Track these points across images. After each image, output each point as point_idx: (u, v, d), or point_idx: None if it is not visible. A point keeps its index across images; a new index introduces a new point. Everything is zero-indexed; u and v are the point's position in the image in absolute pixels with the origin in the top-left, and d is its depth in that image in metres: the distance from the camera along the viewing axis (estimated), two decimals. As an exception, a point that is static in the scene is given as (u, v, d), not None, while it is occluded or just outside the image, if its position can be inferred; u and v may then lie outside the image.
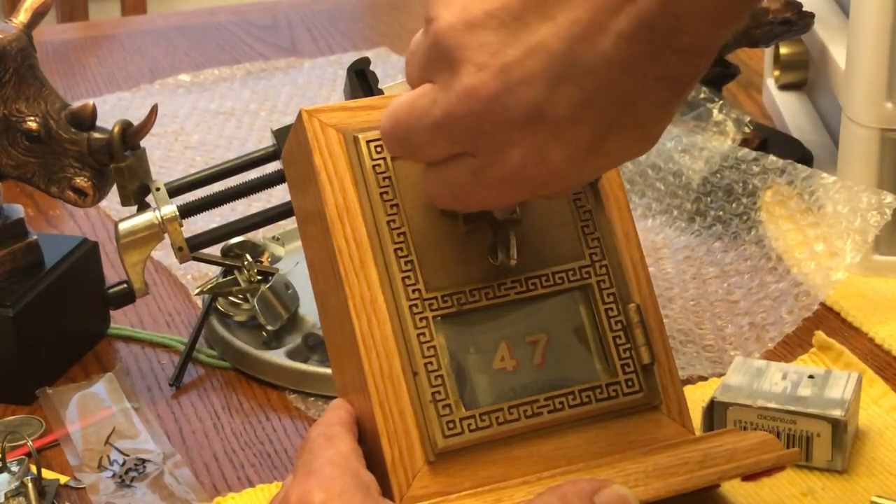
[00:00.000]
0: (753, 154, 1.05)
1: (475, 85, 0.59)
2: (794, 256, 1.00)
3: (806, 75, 1.25)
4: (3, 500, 0.79)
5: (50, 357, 0.92)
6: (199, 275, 1.05)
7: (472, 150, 0.61)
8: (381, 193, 0.71)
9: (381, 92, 0.82)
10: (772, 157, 1.04)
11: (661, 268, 1.02)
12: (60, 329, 0.93)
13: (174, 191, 0.88)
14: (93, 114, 0.89)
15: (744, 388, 0.81)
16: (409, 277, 0.70)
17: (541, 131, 0.59)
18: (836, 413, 0.78)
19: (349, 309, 0.69)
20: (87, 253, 0.96)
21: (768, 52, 1.27)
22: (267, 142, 1.02)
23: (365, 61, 0.83)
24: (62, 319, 0.94)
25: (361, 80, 0.84)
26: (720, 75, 1.14)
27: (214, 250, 0.95)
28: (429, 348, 0.69)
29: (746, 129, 1.08)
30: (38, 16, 0.91)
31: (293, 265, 0.98)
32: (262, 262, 0.97)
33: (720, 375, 0.88)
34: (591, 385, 0.71)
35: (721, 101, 1.10)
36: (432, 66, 0.61)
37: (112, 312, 0.99)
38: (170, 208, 0.87)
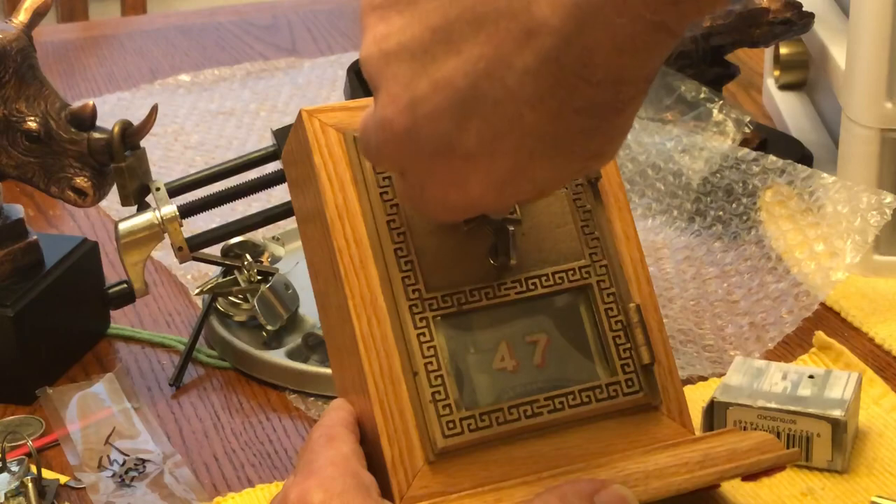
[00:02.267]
0: (753, 154, 1.05)
1: (388, 117, 0.59)
2: (794, 256, 1.00)
3: (806, 75, 1.25)
4: (3, 499, 0.79)
5: (50, 357, 0.92)
6: (199, 275, 1.05)
7: (402, 173, 0.63)
8: (381, 193, 0.71)
9: (381, 92, 0.82)
10: (772, 157, 1.04)
11: (661, 268, 1.02)
12: (60, 329, 0.93)
13: (174, 191, 0.88)
14: (93, 114, 0.89)
15: (744, 388, 0.81)
16: (409, 277, 0.70)
17: (455, 162, 0.59)
18: (836, 413, 0.78)
19: (349, 309, 0.69)
20: (87, 253, 0.96)
21: (768, 52, 1.27)
22: (267, 142, 1.02)
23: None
24: (62, 319, 0.94)
25: (361, 80, 0.85)
26: (720, 75, 1.14)
27: (214, 250, 0.95)
28: (429, 348, 0.69)
29: (746, 129, 1.08)
30: (38, 16, 0.91)
31: (293, 265, 0.98)
32: (262, 262, 0.97)
33: (720, 375, 0.88)
34: (591, 385, 0.71)
35: (721, 101, 1.10)
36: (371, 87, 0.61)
37: (112, 312, 0.99)
38: (170, 208, 0.87)
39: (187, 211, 0.88)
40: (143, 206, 0.89)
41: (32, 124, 0.89)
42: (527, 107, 0.57)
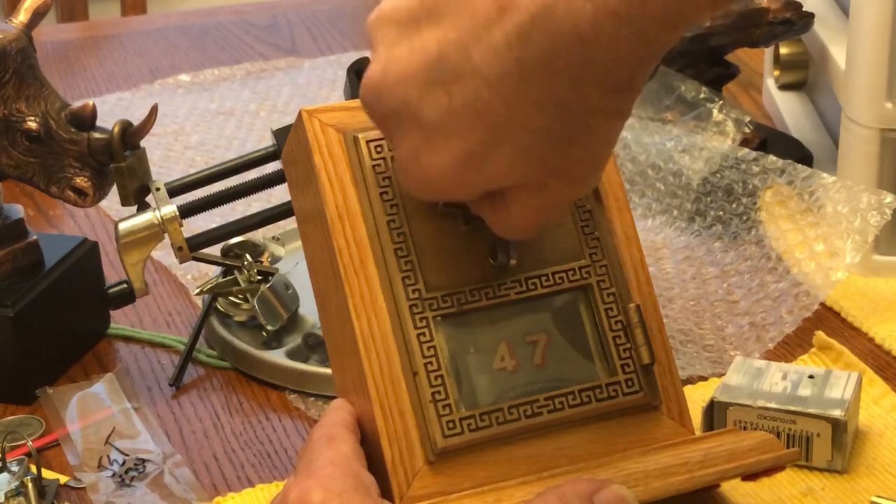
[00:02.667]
0: (753, 154, 1.05)
1: (368, 74, 0.62)
2: (794, 256, 1.00)
3: (806, 75, 1.25)
4: (3, 499, 0.79)
5: (50, 357, 0.92)
6: (199, 275, 1.05)
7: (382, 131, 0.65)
8: (381, 193, 0.71)
9: (381, 92, 0.82)
10: (772, 157, 1.04)
11: (661, 268, 1.02)
12: (60, 329, 0.93)
13: (174, 191, 0.88)
14: (93, 114, 0.89)
15: (744, 388, 0.81)
16: (409, 277, 0.70)
17: (412, 132, 0.61)
18: (836, 413, 0.78)
19: (349, 309, 0.69)
20: (87, 253, 0.96)
21: (768, 52, 1.27)
22: (267, 142, 1.02)
23: (365, 61, 0.83)
24: (62, 319, 0.94)
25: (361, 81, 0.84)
26: (720, 75, 1.14)
27: (214, 250, 0.95)
28: (429, 348, 0.69)
29: (746, 129, 1.08)
30: (38, 16, 0.91)
31: (293, 265, 0.98)
32: (262, 262, 0.97)
33: (720, 375, 0.88)
34: (591, 385, 0.71)
35: (721, 101, 1.10)
36: None
37: (112, 312, 0.99)
38: (170, 208, 0.87)
39: (187, 211, 0.88)
40: (143, 206, 0.89)
41: (32, 124, 0.89)
42: (485, 84, 0.58)
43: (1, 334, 0.89)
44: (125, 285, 0.90)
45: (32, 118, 0.89)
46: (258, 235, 0.99)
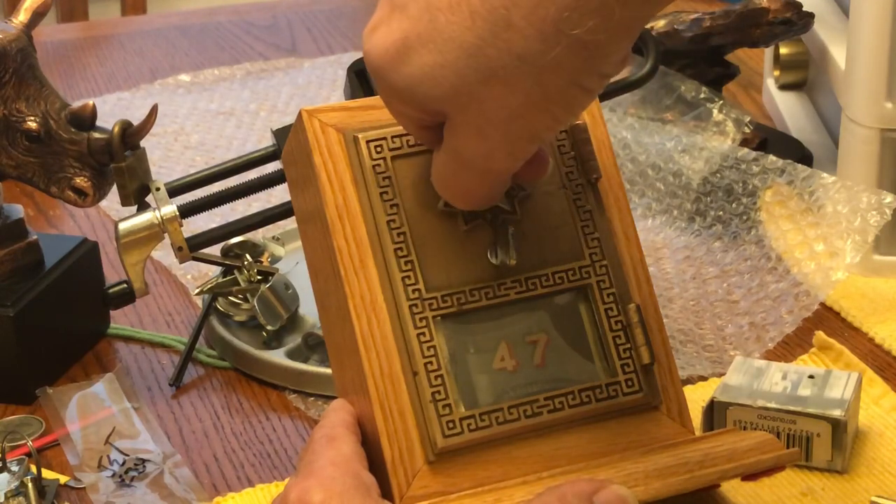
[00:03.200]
0: (753, 154, 1.05)
1: None
2: (794, 256, 1.00)
3: (806, 75, 1.25)
4: (3, 499, 0.79)
5: (50, 357, 0.92)
6: (199, 275, 1.05)
7: None
8: (381, 193, 0.71)
9: (381, 92, 0.82)
10: (772, 157, 1.04)
11: (661, 268, 1.02)
12: (60, 329, 0.93)
13: (174, 191, 0.88)
14: (93, 114, 0.89)
15: (744, 388, 0.81)
16: (409, 277, 0.70)
17: (385, 6, 0.62)
18: (836, 413, 0.78)
19: (349, 309, 0.69)
20: (87, 253, 0.96)
21: (768, 52, 1.27)
22: (267, 142, 1.02)
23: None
24: (62, 319, 0.94)
25: (361, 80, 0.85)
26: (720, 75, 1.14)
27: (214, 250, 0.95)
28: (429, 348, 0.69)
29: (746, 129, 1.08)
30: (38, 16, 0.91)
31: (293, 265, 0.98)
32: (262, 262, 0.97)
33: (720, 375, 0.88)
34: (591, 385, 0.71)
35: (721, 101, 1.10)
36: None
37: (112, 312, 0.99)
38: (170, 208, 0.87)
39: (187, 211, 0.88)
40: (143, 206, 0.89)
41: (32, 124, 0.89)
42: None
43: (1, 334, 0.89)
44: (125, 285, 0.90)
45: (32, 118, 0.89)
46: (258, 235, 0.99)
